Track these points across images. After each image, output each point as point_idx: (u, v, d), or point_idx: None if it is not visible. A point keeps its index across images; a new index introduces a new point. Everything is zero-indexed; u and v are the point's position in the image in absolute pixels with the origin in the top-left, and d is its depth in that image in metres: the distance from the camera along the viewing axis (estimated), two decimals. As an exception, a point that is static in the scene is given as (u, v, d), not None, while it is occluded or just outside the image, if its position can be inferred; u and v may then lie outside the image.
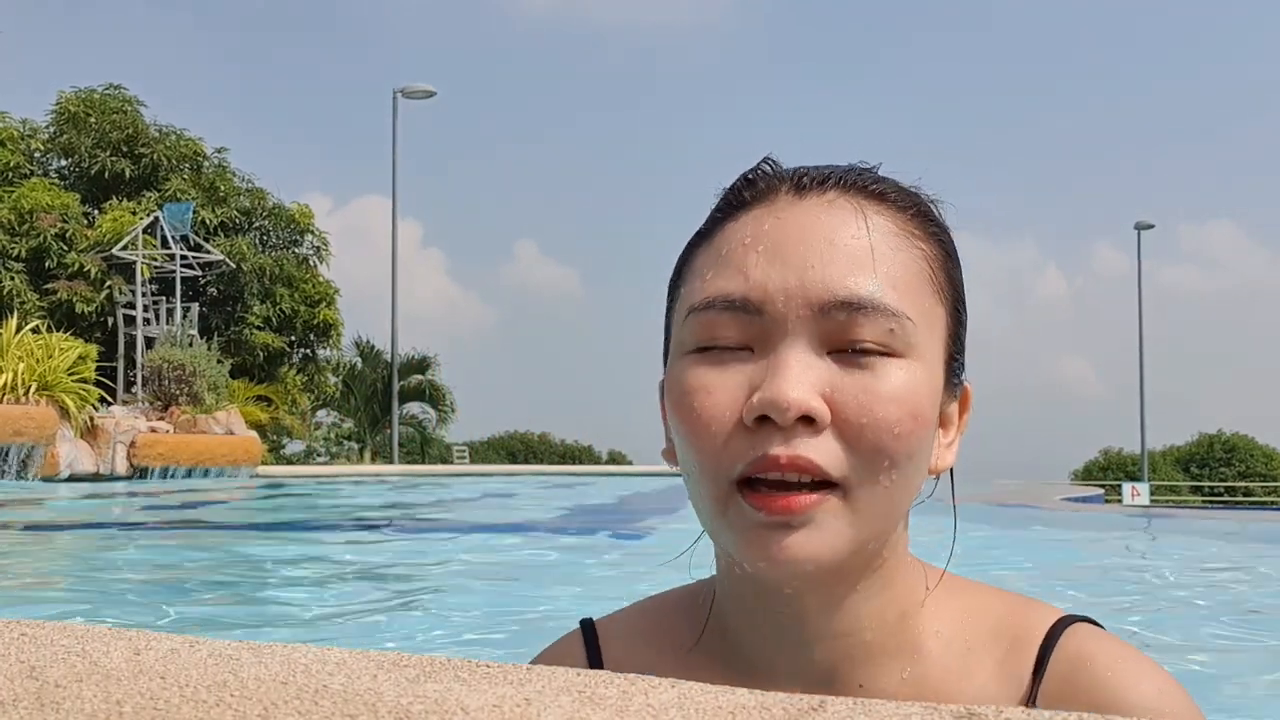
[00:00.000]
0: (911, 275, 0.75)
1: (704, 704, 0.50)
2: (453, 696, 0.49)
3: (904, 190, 0.80)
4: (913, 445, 0.73)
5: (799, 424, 0.70)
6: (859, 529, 0.73)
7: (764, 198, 0.78)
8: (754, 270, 0.74)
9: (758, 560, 0.72)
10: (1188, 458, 39.19)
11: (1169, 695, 0.76)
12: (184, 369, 16.72)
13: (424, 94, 25.17)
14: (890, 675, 0.79)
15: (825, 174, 0.78)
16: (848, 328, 0.72)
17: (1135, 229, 32.49)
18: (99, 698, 0.48)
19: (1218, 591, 4.81)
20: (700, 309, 0.75)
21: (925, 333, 0.75)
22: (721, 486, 0.73)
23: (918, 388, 0.73)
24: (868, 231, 0.75)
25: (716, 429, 0.72)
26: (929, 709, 0.50)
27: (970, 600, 0.83)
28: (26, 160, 23.24)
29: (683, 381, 0.75)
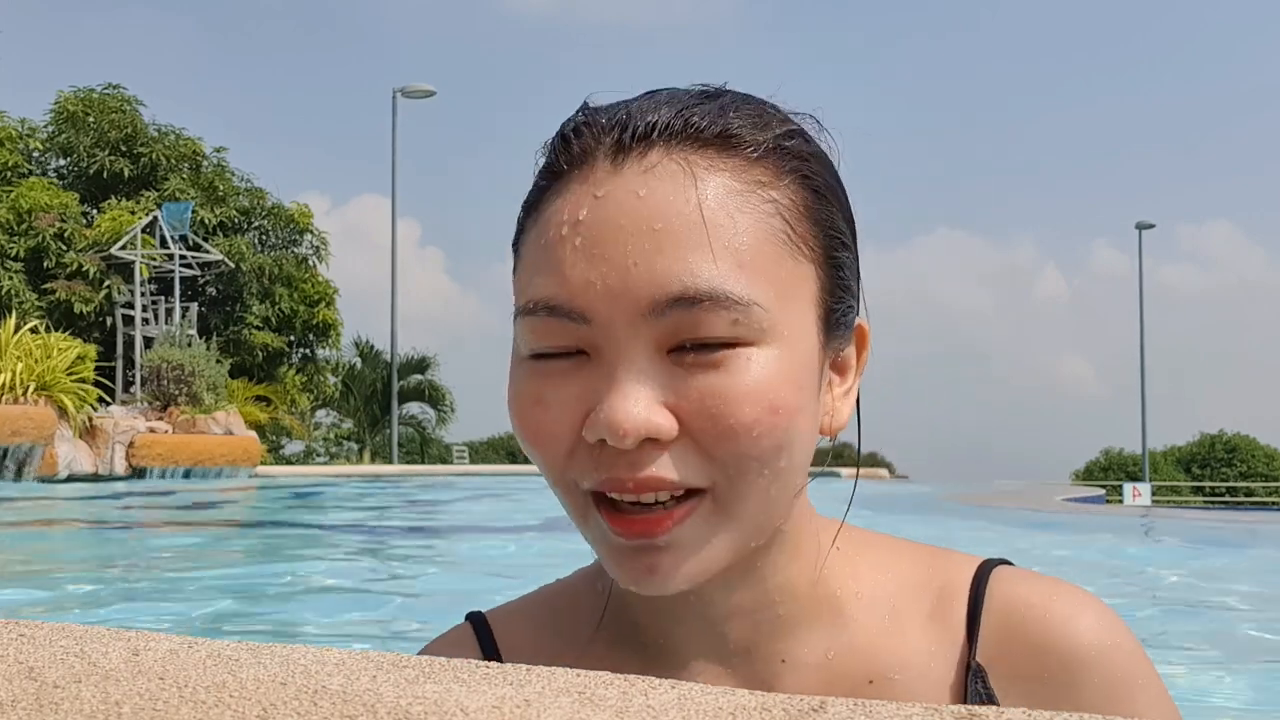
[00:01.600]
0: (760, 242, 0.65)
1: (704, 705, 0.50)
2: (452, 697, 0.49)
3: (753, 122, 0.69)
4: (780, 439, 0.65)
5: (645, 444, 0.64)
6: (736, 534, 0.67)
7: (581, 164, 0.67)
8: (571, 271, 0.65)
9: (627, 584, 0.67)
10: (1189, 458, 39.20)
11: (1104, 624, 0.74)
12: (183, 369, 16.72)
13: (424, 94, 25.18)
14: (815, 645, 0.74)
15: (649, 125, 0.66)
16: (686, 325, 0.64)
17: (1136, 229, 32.52)
18: (97, 698, 0.48)
19: (1219, 592, 4.81)
20: (526, 313, 0.67)
21: (782, 306, 0.66)
22: (575, 496, 0.68)
23: (775, 376, 0.65)
24: (698, 203, 0.64)
25: (555, 445, 0.67)
26: (929, 709, 0.50)
27: (882, 556, 0.78)
28: (25, 160, 23.25)
29: (516, 389, 0.68)
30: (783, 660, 0.74)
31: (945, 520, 9.17)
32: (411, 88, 25.00)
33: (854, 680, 0.74)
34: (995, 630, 0.74)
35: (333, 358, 28.55)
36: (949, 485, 19.17)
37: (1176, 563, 6.23)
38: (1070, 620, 0.73)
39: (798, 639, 0.74)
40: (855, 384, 0.74)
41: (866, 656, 0.74)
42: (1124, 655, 0.73)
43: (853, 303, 0.72)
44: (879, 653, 0.74)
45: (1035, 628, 0.73)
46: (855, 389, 0.74)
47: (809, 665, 0.74)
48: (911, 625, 0.75)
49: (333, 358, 28.55)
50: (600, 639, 0.79)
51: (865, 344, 0.75)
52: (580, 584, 0.84)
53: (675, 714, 0.48)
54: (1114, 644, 0.73)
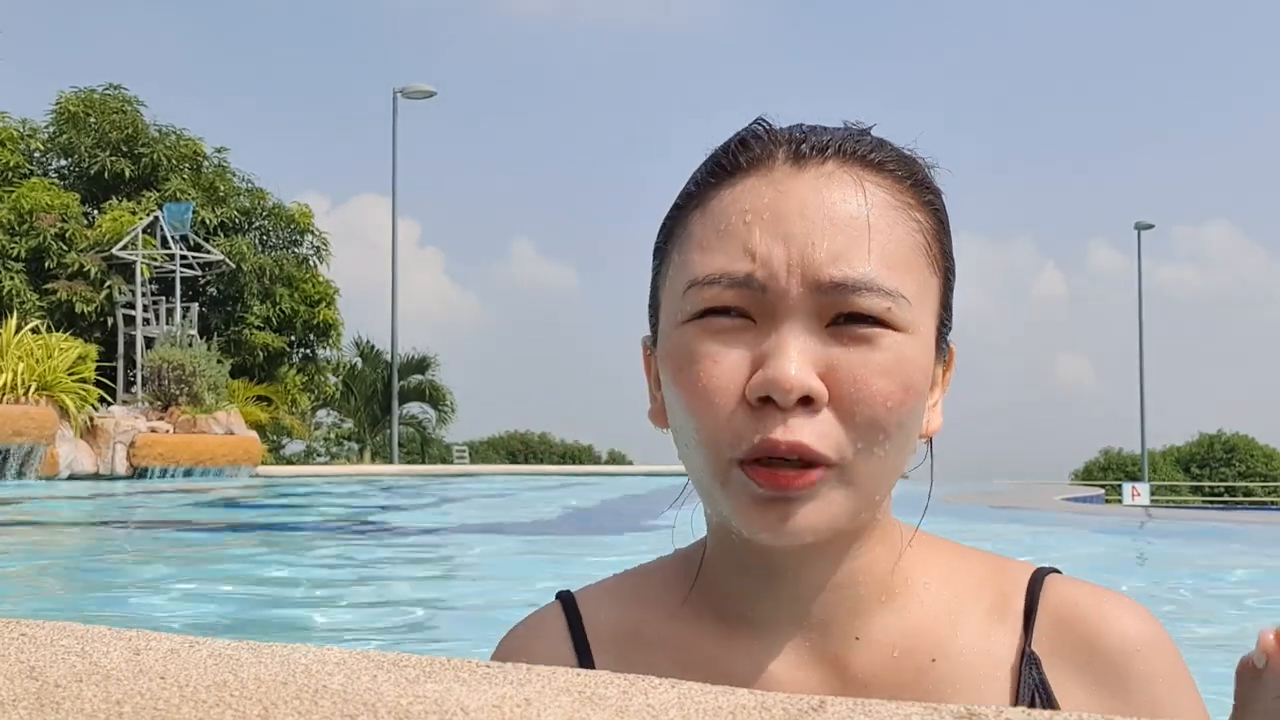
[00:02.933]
0: (907, 250, 0.77)
1: (704, 704, 0.50)
2: (453, 696, 0.49)
3: (901, 157, 0.80)
4: (905, 417, 0.75)
5: (798, 405, 0.72)
6: (856, 499, 0.76)
7: (760, 164, 0.78)
8: (757, 247, 0.74)
9: (758, 531, 0.75)
10: (1188, 458, 39.21)
11: (1147, 624, 0.82)
12: (184, 369, 16.73)
13: (424, 94, 25.18)
14: (886, 625, 0.82)
15: (824, 142, 0.78)
16: (845, 303, 0.74)
17: (1135, 229, 32.50)
18: (99, 698, 0.48)
19: (1219, 592, 4.81)
20: (703, 283, 0.75)
21: (919, 307, 0.76)
22: (722, 459, 0.75)
23: (911, 362, 0.75)
24: (866, 207, 0.76)
25: (721, 402, 0.74)
26: (929, 709, 0.50)
27: (952, 556, 0.87)
28: (26, 160, 23.25)
29: (687, 350, 0.76)
30: (856, 637, 0.81)
31: (945, 520, 9.16)
32: (411, 88, 25.00)
33: (919, 659, 0.81)
34: (1049, 625, 0.82)
35: (333, 358, 28.54)
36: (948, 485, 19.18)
37: (1175, 562, 6.23)
38: (1118, 619, 0.82)
39: (871, 619, 0.81)
40: (941, 400, 0.84)
41: (932, 639, 0.82)
42: (1164, 652, 0.82)
43: (951, 324, 0.83)
44: (943, 637, 0.82)
45: (1086, 624, 0.82)
46: (941, 404, 0.84)
47: (879, 643, 0.81)
48: (973, 616, 0.83)
49: (333, 358, 28.54)
50: (687, 609, 0.86)
51: (952, 365, 0.85)
52: (668, 565, 0.91)
53: (675, 713, 0.49)
54: (1156, 642, 0.82)
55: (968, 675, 0.81)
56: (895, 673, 0.81)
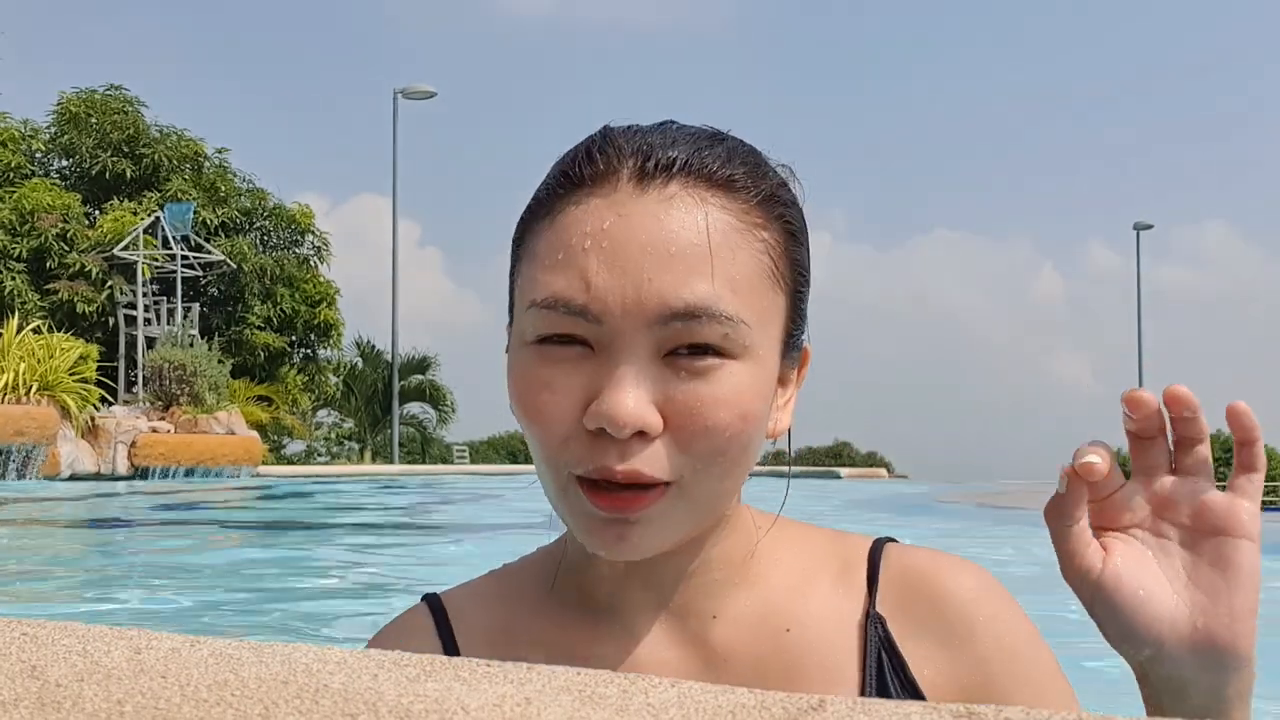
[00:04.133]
0: (751, 273, 0.77)
1: (704, 703, 0.50)
2: (453, 696, 0.49)
3: (751, 171, 0.80)
4: (743, 441, 0.77)
5: (634, 436, 0.74)
6: (695, 515, 0.79)
7: (604, 181, 0.78)
8: (594, 277, 0.75)
9: (597, 548, 0.78)
10: (1188, 458, 39.11)
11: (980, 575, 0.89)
12: (185, 369, 16.73)
13: (424, 94, 25.18)
14: (742, 603, 0.86)
15: (670, 160, 0.77)
16: (683, 334, 0.75)
17: (1134, 229, 32.50)
18: (100, 697, 0.48)
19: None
20: (543, 306, 0.76)
21: (760, 330, 0.77)
22: (561, 476, 0.77)
23: (749, 389, 0.76)
24: (708, 234, 0.76)
25: (556, 428, 0.76)
26: (929, 708, 0.50)
27: (799, 534, 0.91)
28: (28, 161, 23.26)
29: (527, 374, 0.77)
30: (714, 616, 0.86)
31: (943, 520, 9.17)
32: (411, 88, 25.00)
33: (774, 629, 0.86)
34: (892, 587, 0.88)
35: (334, 358, 28.55)
36: (947, 484, 19.16)
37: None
38: (954, 574, 0.88)
39: (728, 599, 0.86)
40: (793, 395, 0.87)
41: (784, 610, 0.87)
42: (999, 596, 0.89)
43: (804, 329, 0.85)
44: (794, 607, 0.87)
45: (926, 582, 0.88)
46: (793, 400, 0.87)
47: (737, 620, 0.86)
48: (821, 586, 0.89)
49: (334, 358, 28.55)
50: (552, 602, 0.89)
51: (806, 363, 0.87)
52: (535, 559, 0.95)
53: (675, 712, 0.49)
54: (991, 589, 0.89)
55: (820, 639, 0.86)
56: (754, 644, 0.85)
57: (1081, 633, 0.97)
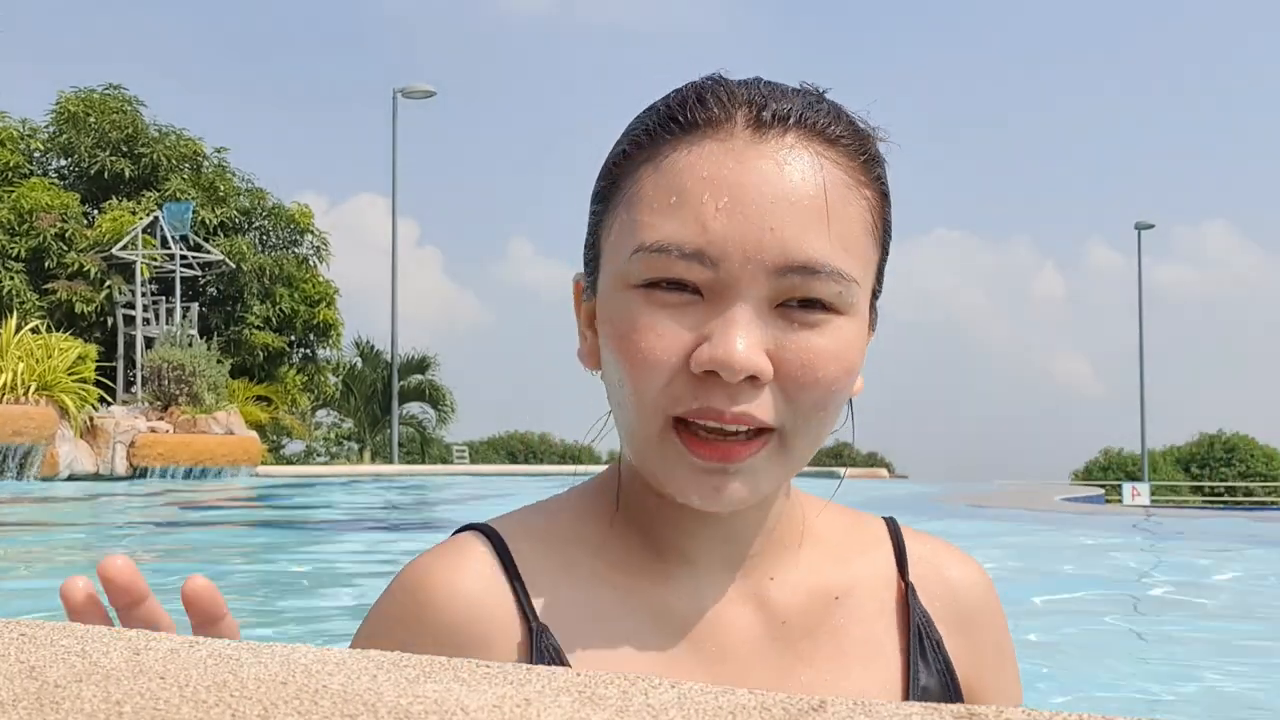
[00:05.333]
0: (859, 231, 0.77)
1: (704, 704, 0.50)
2: (453, 696, 0.49)
3: (855, 131, 0.80)
4: (844, 394, 0.78)
5: (744, 382, 0.73)
6: (789, 466, 0.78)
7: (718, 127, 0.76)
8: (713, 222, 0.73)
9: (690, 499, 0.76)
10: (1188, 458, 39.21)
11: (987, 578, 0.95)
12: (184, 369, 16.72)
13: (424, 94, 25.17)
14: (794, 567, 0.87)
15: (785, 110, 0.77)
16: (799, 288, 0.74)
17: (1135, 229, 32.49)
18: (99, 698, 0.48)
19: (1218, 591, 4.82)
20: (652, 250, 0.74)
21: (862, 289, 0.78)
22: (657, 421, 0.75)
23: (854, 343, 0.77)
24: (824, 189, 0.75)
25: (660, 371, 0.74)
26: (929, 709, 0.50)
27: (827, 507, 0.94)
28: (26, 160, 23.24)
29: (630, 317, 0.75)
30: (771, 578, 0.86)
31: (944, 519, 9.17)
32: (411, 88, 24.98)
33: (825, 595, 0.88)
34: (921, 565, 0.92)
35: (333, 358, 28.53)
36: (948, 484, 19.18)
37: (1175, 562, 6.23)
38: (969, 566, 0.94)
39: (783, 561, 0.87)
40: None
41: (831, 578, 0.89)
42: (996, 598, 0.95)
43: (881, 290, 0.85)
44: (839, 576, 0.89)
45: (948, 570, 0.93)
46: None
47: (791, 583, 0.87)
48: (857, 556, 0.91)
49: (333, 358, 28.53)
50: (615, 542, 0.86)
51: (874, 329, 0.86)
52: (576, 499, 0.91)
53: (675, 713, 0.49)
54: (992, 589, 0.95)
55: (866, 608, 0.88)
56: (807, 609, 0.86)
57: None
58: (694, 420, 0.74)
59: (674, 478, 0.76)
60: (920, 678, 0.87)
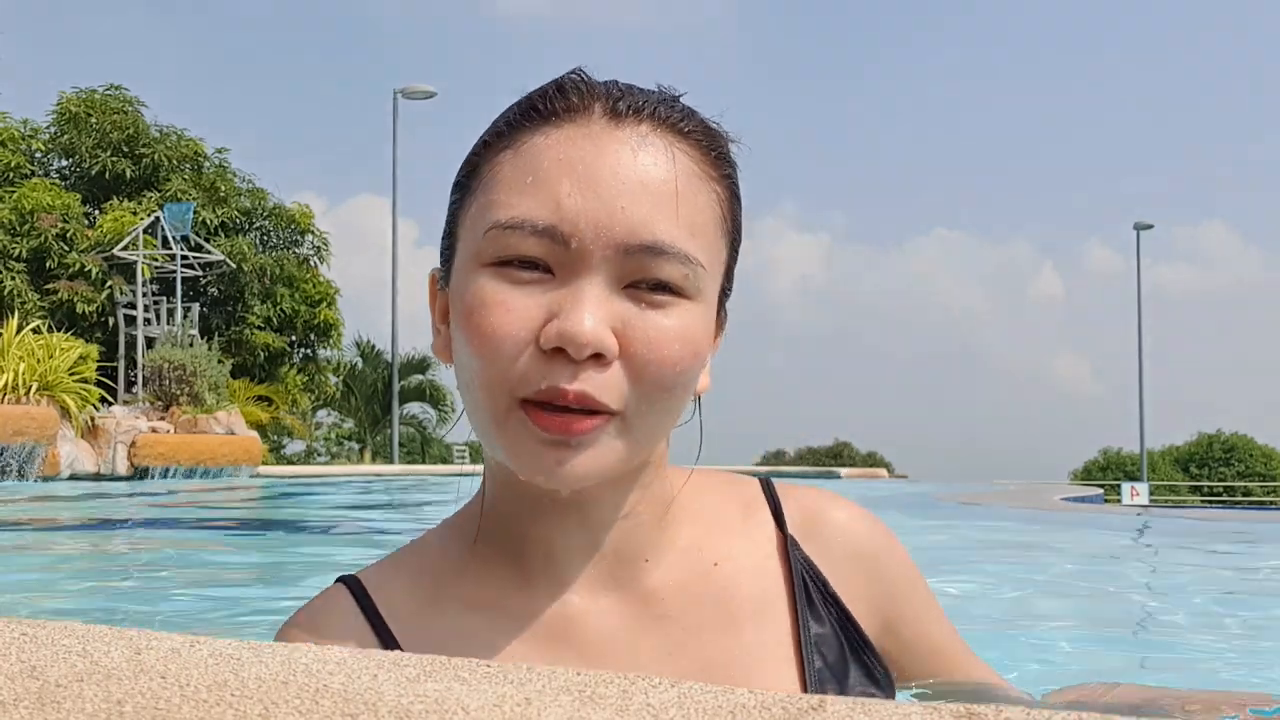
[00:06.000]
0: (707, 219, 0.80)
1: (704, 703, 0.50)
2: (453, 696, 0.49)
3: (708, 129, 0.83)
4: (689, 378, 0.79)
5: (589, 359, 0.74)
6: (634, 448, 0.79)
7: (576, 114, 0.79)
8: (567, 200, 0.75)
9: (535, 473, 0.77)
10: (1187, 458, 39.16)
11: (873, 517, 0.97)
12: (184, 369, 16.71)
13: (424, 94, 25.13)
14: (667, 544, 0.89)
15: (640, 103, 0.80)
16: (647, 268, 0.76)
17: (1134, 229, 32.44)
18: (100, 697, 0.48)
19: (1218, 591, 4.81)
20: (506, 227, 0.76)
21: (710, 275, 0.80)
22: (503, 401, 0.77)
23: (700, 328, 0.79)
24: (675, 175, 0.78)
25: (509, 348, 0.76)
26: (929, 709, 0.50)
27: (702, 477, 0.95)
28: (27, 160, 23.22)
29: (480, 294, 0.77)
30: (645, 559, 0.88)
31: (944, 519, 9.17)
32: (412, 88, 24.95)
33: (703, 566, 0.89)
34: (799, 517, 0.94)
35: (334, 358, 28.50)
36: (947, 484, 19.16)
37: (1174, 561, 6.22)
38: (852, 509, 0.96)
39: (656, 541, 0.88)
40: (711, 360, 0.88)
41: (710, 546, 0.91)
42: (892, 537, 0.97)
43: (731, 290, 0.87)
44: (718, 542, 0.91)
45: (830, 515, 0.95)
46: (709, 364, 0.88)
47: (667, 560, 0.88)
48: (733, 521, 0.93)
49: (334, 358, 28.50)
50: (476, 560, 0.89)
51: (723, 330, 0.89)
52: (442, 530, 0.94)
53: (675, 713, 0.49)
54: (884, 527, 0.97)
55: (747, 569, 0.90)
56: (685, 582, 0.88)
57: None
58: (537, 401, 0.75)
59: (519, 453, 0.77)
60: (811, 627, 0.89)
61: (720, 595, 0.88)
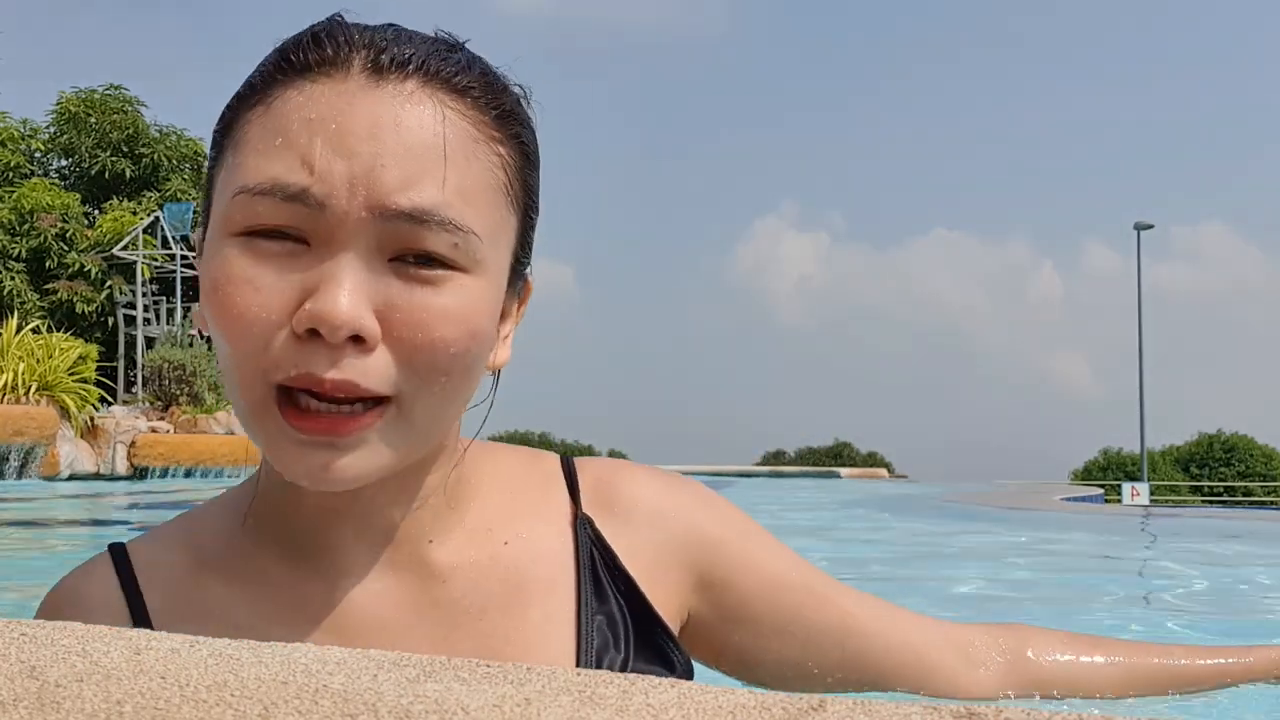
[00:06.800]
0: (485, 186, 0.72)
1: (704, 704, 0.50)
2: (453, 696, 0.49)
3: (490, 85, 0.75)
4: (469, 360, 0.72)
5: (349, 342, 0.67)
6: (412, 440, 0.72)
7: (333, 68, 0.71)
8: (318, 160, 0.68)
9: (298, 478, 0.70)
10: (1188, 458, 39.18)
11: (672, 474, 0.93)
12: (184, 369, 16.71)
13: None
14: (455, 524, 0.84)
15: (406, 56, 0.72)
16: (411, 238, 0.69)
17: (1135, 229, 32.43)
18: (99, 697, 0.48)
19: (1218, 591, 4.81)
20: (253, 193, 0.69)
21: (491, 245, 0.72)
22: (257, 391, 0.70)
23: (478, 304, 0.71)
24: (444, 138, 0.70)
25: (259, 331, 0.68)
26: (929, 708, 0.50)
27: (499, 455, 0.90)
28: (27, 160, 23.23)
29: (226, 269, 0.69)
30: (430, 540, 0.82)
31: (944, 519, 9.17)
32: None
33: (493, 546, 0.84)
34: (592, 491, 0.90)
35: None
36: (948, 484, 19.16)
37: (1175, 562, 6.22)
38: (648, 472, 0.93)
39: (442, 523, 0.83)
40: (512, 331, 0.82)
41: (498, 525, 0.86)
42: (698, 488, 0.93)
43: (529, 259, 0.81)
44: (507, 521, 0.86)
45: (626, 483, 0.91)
46: (511, 335, 0.83)
47: (454, 542, 0.83)
48: (527, 499, 0.88)
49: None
50: (246, 537, 0.83)
51: (527, 298, 0.84)
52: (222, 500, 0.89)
53: (675, 713, 0.49)
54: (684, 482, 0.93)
55: (537, 547, 0.86)
56: (471, 563, 0.83)
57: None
58: (295, 388, 0.68)
59: (277, 454, 0.70)
60: (592, 604, 0.85)
61: (507, 575, 0.84)
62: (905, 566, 4.84)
